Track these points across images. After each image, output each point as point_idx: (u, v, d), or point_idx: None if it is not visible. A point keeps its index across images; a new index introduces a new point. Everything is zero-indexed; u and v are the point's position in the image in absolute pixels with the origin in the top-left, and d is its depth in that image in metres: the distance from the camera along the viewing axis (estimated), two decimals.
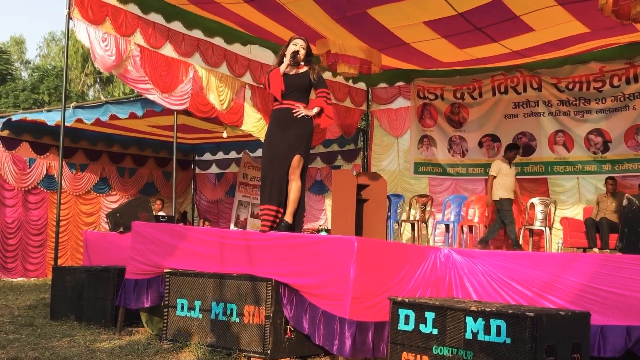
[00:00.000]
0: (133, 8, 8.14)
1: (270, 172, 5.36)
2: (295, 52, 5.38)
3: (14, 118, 11.72)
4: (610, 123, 10.03)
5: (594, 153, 10.17)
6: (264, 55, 10.16)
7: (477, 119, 11.32)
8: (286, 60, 5.37)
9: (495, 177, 9.00)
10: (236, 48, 9.63)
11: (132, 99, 10.69)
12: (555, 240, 9.61)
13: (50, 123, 11.07)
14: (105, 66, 7.81)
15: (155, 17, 8.40)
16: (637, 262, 4.30)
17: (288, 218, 5.32)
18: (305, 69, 5.48)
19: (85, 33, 7.55)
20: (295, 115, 5.32)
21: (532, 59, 9.85)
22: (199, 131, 12.89)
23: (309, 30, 8.52)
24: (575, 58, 10.07)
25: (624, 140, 9.87)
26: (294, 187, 5.35)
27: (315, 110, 5.40)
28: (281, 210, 5.38)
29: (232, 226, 14.16)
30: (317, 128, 5.59)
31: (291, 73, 5.44)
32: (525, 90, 10.81)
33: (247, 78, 9.82)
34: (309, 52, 5.52)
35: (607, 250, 8.18)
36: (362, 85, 12.26)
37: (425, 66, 10.58)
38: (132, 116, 10.41)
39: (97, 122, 10.85)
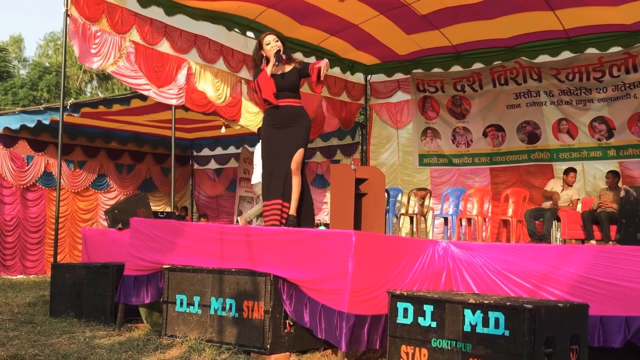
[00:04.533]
0: (131, 3, 8.14)
1: (274, 168, 5.40)
2: (279, 51, 5.38)
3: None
4: (613, 111, 10.13)
5: (599, 140, 10.27)
6: None
7: (480, 110, 11.38)
8: (272, 62, 5.37)
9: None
10: (233, 41, 9.64)
11: (129, 95, 10.70)
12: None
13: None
14: (92, 63, 7.78)
15: (155, 12, 8.41)
16: (635, 253, 4.30)
17: (293, 213, 5.37)
18: (291, 67, 5.50)
19: (74, 31, 7.55)
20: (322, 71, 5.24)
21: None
22: (197, 122, 12.84)
23: None
24: (573, 43, 10.07)
25: (628, 127, 9.97)
26: (296, 182, 5.38)
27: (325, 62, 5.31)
28: (286, 204, 5.40)
29: (236, 219, 14.16)
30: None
31: (278, 73, 5.45)
32: (525, 81, 10.85)
33: (244, 73, 9.83)
34: (282, 41, 5.52)
35: (611, 242, 8.18)
36: (359, 77, 12.23)
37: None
38: (136, 104, 10.50)
39: (97, 114, 10.93)
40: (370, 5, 9.41)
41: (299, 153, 5.41)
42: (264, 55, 5.48)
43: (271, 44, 5.44)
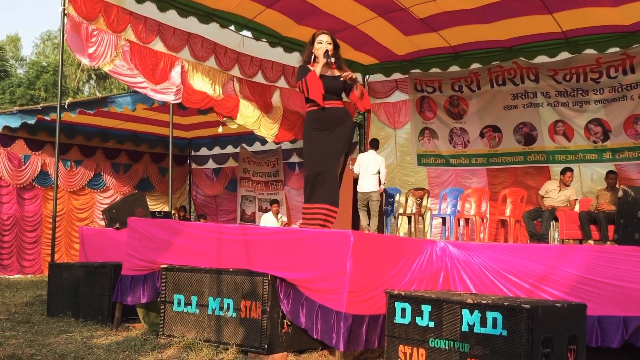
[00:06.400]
0: (128, 2, 8.17)
1: (319, 172, 5.33)
2: (327, 51, 5.28)
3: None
4: (609, 113, 10.12)
5: (594, 142, 10.28)
6: (257, 49, 10.22)
7: (477, 111, 11.38)
8: (321, 62, 5.28)
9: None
10: (228, 39, 9.68)
11: (127, 94, 10.69)
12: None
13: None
14: (89, 62, 7.81)
15: (148, 8, 8.43)
16: (633, 253, 4.30)
17: None
18: (338, 73, 5.41)
19: (71, 30, 7.58)
20: (343, 78, 5.28)
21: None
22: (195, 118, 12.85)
23: None
24: (571, 44, 10.08)
25: (624, 129, 9.97)
26: None
27: (360, 83, 5.41)
28: (333, 208, 5.35)
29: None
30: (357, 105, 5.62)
31: (326, 74, 5.37)
32: (523, 81, 10.86)
33: (236, 71, 9.89)
34: (335, 45, 5.42)
35: (609, 242, 8.18)
36: (357, 77, 12.24)
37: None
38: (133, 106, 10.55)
39: (98, 112, 10.95)
40: (369, 7, 9.42)
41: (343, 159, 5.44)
42: (313, 53, 5.36)
43: (323, 44, 5.31)
